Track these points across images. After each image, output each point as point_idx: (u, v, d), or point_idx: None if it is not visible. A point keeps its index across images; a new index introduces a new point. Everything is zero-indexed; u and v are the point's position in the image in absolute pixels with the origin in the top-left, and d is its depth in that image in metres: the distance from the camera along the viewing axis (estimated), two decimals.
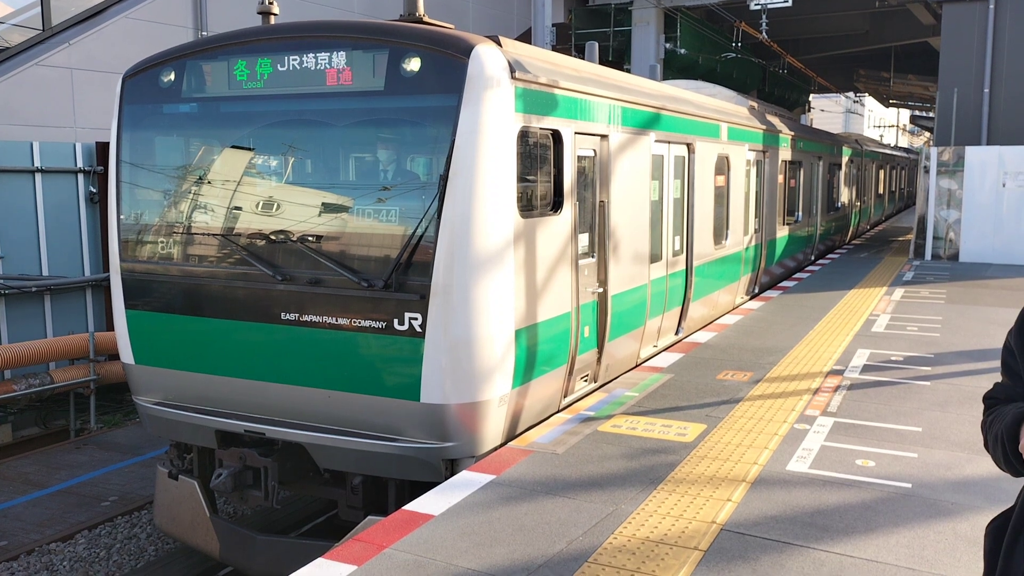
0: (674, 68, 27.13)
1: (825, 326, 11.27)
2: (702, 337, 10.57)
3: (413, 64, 6.10)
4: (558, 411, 7.38)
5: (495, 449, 6.44)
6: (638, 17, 26.98)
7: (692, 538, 4.91)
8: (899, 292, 14.38)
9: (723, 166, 11.95)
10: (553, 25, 21.08)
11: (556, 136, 6.99)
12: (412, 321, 6.06)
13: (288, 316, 6.52)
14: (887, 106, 69.11)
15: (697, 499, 5.47)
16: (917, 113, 64.91)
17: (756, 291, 14.41)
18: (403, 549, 4.80)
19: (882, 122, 79.69)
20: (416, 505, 5.41)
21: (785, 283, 15.53)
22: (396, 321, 6.12)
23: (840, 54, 39.17)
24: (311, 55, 6.42)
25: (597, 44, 9.94)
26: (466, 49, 6.05)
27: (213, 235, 6.88)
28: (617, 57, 27.32)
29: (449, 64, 6.05)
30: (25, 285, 12.59)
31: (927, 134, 65.77)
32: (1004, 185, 18.87)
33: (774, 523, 5.12)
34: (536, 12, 18.06)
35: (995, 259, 18.94)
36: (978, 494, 5.59)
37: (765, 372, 8.77)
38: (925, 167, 19.72)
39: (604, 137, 7.91)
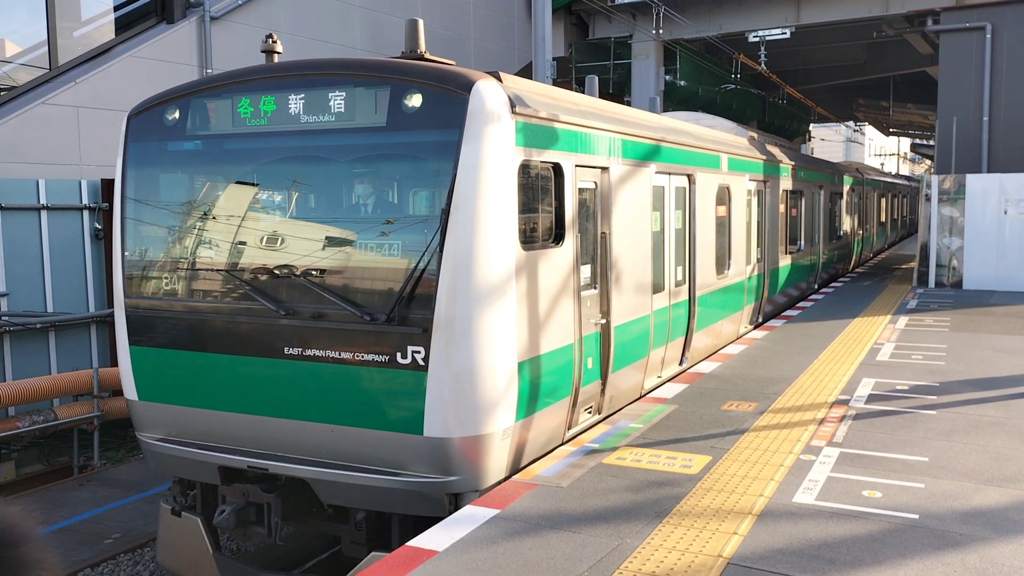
0: (674, 100, 27.34)
1: (830, 355, 11.24)
2: (706, 367, 10.54)
3: (415, 100, 6.19)
4: (562, 443, 7.36)
5: (500, 483, 6.41)
6: (638, 50, 27.26)
7: (698, 572, 4.87)
8: (903, 320, 14.35)
9: (724, 196, 12.01)
10: (554, 59, 21.26)
11: (557, 169, 7.05)
12: (415, 354, 6.07)
13: (291, 351, 6.54)
14: (887, 135, 69.43)
15: (703, 532, 5.43)
16: (917, 141, 65.20)
17: (760, 320, 14.41)
18: None
19: (883, 150, 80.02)
20: (420, 541, 5.38)
21: (789, 312, 15.52)
22: (399, 355, 6.13)
23: (839, 84, 39.47)
24: (314, 92, 6.51)
25: (597, 78, 10.06)
26: (467, 85, 6.14)
27: (216, 270, 6.94)
28: (617, 90, 27.55)
29: (450, 100, 6.13)
30: (30, 322, 12.63)
31: (928, 162, 66.01)
32: (1006, 212, 18.90)
33: (781, 556, 5.08)
34: (537, 46, 18.25)
35: (998, 286, 18.92)
36: (986, 525, 5.54)
37: (770, 402, 8.74)
38: (926, 195, 19.78)
39: (605, 169, 7.98)
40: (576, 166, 7.34)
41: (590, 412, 7.95)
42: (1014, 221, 18.84)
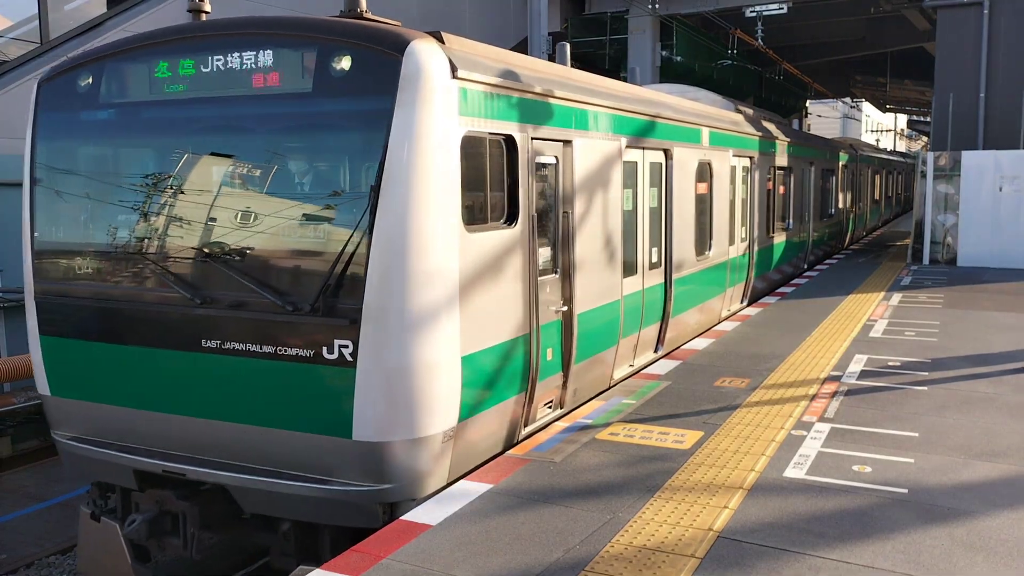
0: (671, 75, 27.22)
1: (823, 332, 11.29)
2: (700, 344, 10.58)
3: (343, 63, 5.56)
4: (517, 442, 6.87)
5: (442, 489, 5.88)
6: (634, 25, 27.08)
7: (689, 546, 4.92)
8: (897, 297, 14.40)
9: (705, 173, 11.41)
10: (549, 34, 21.13)
11: (509, 142, 6.47)
12: (342, 349, 5.50)
13: (209, 343, 5.93)
14: (884, 111, 69.31)
15: (694, 507, 5.48)
16: (914, 118, 65.12)
17: (746, 302, 14.08)
18: (400, 559, 4.81)
19: (879, 127, 79.90)
20: (413, 515, 5.42)
21: (784, 288, 15.55)
22: (325, 349, 5.54)
23: (836, 60, 39.34)
24: (236, 54, 5.87)
25: (568, 45, 9.35)
26: (400, 45, 5.51)
27: (129, 254, 6.30)
28: (614, 66, 27.41)
29: (381, 62, 5.51)
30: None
31: (924, 138, 65.94)
32: (1001, 189, 18.92)
33: (770, 530, 5.13)
34: (532, 22, 18.13)
35: (993, 263, 18.98)
36: (975, 499, 5.59)
37: (763, 379, 8.78)
38: (922, 172, 19.78)
39: (567, 143, 7.37)
40: (533, 139, 6.74)
41: (550, 407, 7.43)
42: (1009, 198, 18.87)
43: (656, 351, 9.93)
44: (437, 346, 5.62)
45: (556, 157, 7.23)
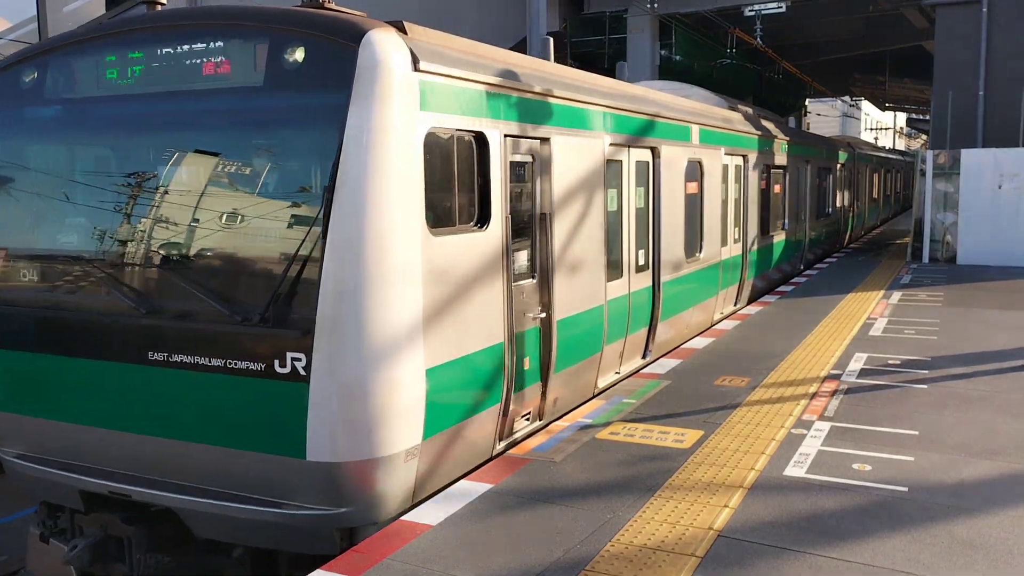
0: (670, 75, 27.23)
1: (823, 330, 11.30)
2: (700, 343, 10.59)
3: (296, 54, 5.21)
4: (491, 458, 6.52)
5: (407, 511, 5.55)
6: (633, 25, 27.10)
7: (689, 545, 4.93)
8: (896, 295, 14.41)
9: (695, 172, 11.04)
10: (548, 34, 21.14)
11: (480, 139, 6.12)
12: (295, 362, 5.12)
13: (156, 356, 5.54)
14: (883, 110, 69.32)
15: (694, 505, 5.49)
16: (914, 116, 65.13)
17: (740, 304, 13.77)
18: (401, 559, 4.81)
19: (878, 125, 79.93)
20: (414, 515, 5.42)
21: (783, 288, 15.55)
22: (276, 362, 5.16)
23: (835, 59, 39.31)
24: (185, 46, 5.52)
25: (552, 39, 8.86)
26: (356, 35, 5.16)
27: (73, 259, 5.93)
28: (612, 65, 27.42)
29: (336, 54, 5.16)
30: None
31: (924, 136, 65.95)
32: (1000, 187, 18.93)
33: (771, 528, 5.14)
34: (531, 21, 18.13)
35: (992, 261, 18.99)
36: (975, 497, 5.60)
37: (763, 377, 8.79)
38: (921, 170, 19.79)
39: (545, 141, 7.01)
40: (506, 136, 6.39)
41: (528, 419, 7.06)
42: (1008, 196, 18.87)
43: (644, 357, 9.59)
44: (398, 358, 5.23)
45: (533, 155, 6.90)
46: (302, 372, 5.10)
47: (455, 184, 5.90)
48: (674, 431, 7.03)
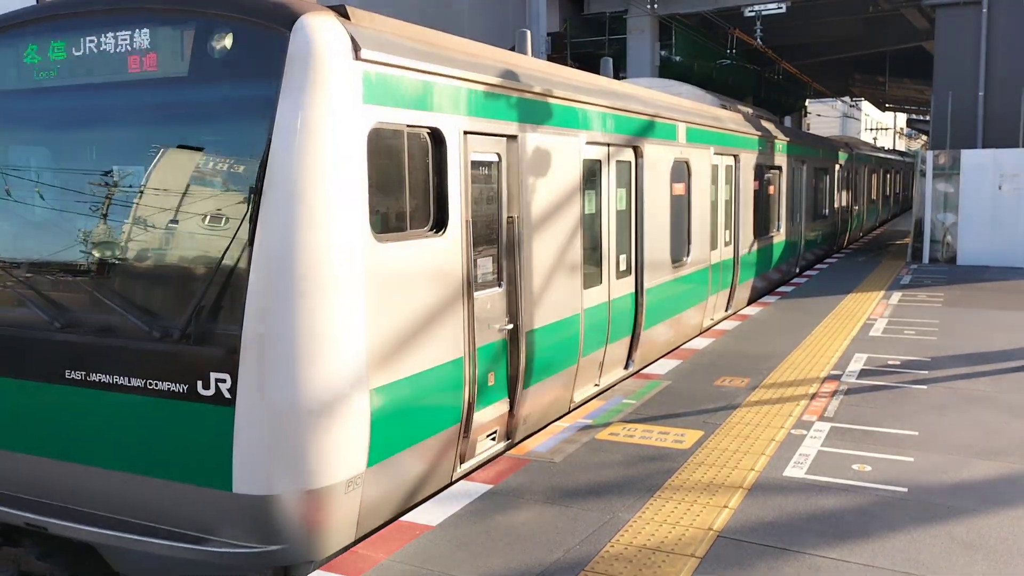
0: (670, 75, 27.23)
1: (823, 331, 11.30)
2: (699, 343, 10.59)
3: (224, 41, 4.77)
4: (451, 482, 6.07)
5: (352, 545, 5.10)
6: (633, 25, 27.11)
7: (689, 545, 4.93)
8: (896, 296, 14.41)
9: (682, 172, 10.57)
10: (549, 34, 21.16)
11: (436, 136, 5.65)
12: (219, 383, 4.67)
13: (73, 374, 5.11)
14: (883, 110, 69.34)
15: (694, 506, 5.49)
16: (914, 116, 65.16)
17: (731, 310, 13.30)
18: (400, 560, 4.81)
19: (878, 125, 79.95)
20: (413, 516, 5.42)
21: (783, 288, 15.55)
22: (200, 383, 4.72)
23: (835, 59, 39.32)
24: (110, 34, 5.07)
25: (528, 32, 8.47)
26: (287, 20, 4.69)
27: None
28: (613, 66, 27.42)
29: (266, 40, 4.70)
30: None
31: (924, 137, 65.99)
32: (1000, 188, 18.94)
33: (770, 529, 5.14)
34: (531, 22, 18.15)
35: (992, 261, 18.99)
36: (974, 497, 5.60)
37: (763, 378, 8.79)
38: (921, 171, 19.79)
39: (512, 138, 6.56)
40: (466, 133, 5.94)
41: (494, 438, 6.61)
42: (1008, 197, 18.88)
43: (627, 367, 9.14)
44: (336, 378, 4.74)
45: (499, 154, 6.44)
46: (227, 395, 4.66)
47: (406, 185, 5.43)
48: (674, 431, 7.03)
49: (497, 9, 26.04)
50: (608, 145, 8.41)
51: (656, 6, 26.01)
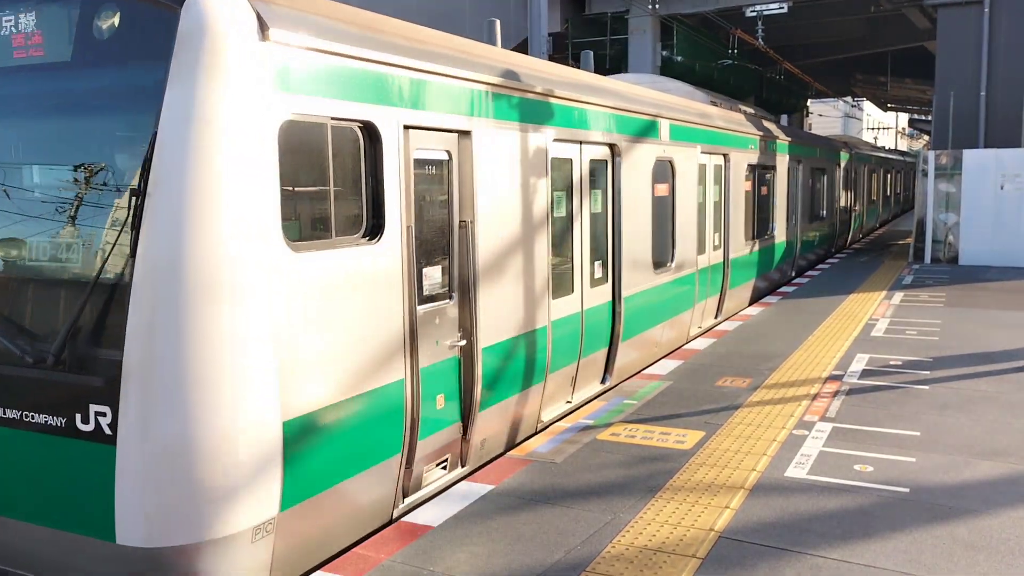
0: (671, 75, 27.22)
1: (824, 331, 11.29)
2: (700, 344, 10.58)
3: (111, 20, 4.19)
4: (391, 521, 5.50)
5: None
6: (634, 26, 27.10)
7: (690, 546, 4.92)
8: (898, 296, 14.39)
9: (665, 172, 9.96)
10: (550, 34, 21.15)
11: (369, 130, 5.05)
12: (99, 417, 4.07)
13: None
14: (885, 110, 69.30)
15: (695, 507, 5.48)
16: (915, 116, 65.09)
17: (720, 318, 12.76)
18: (402, 560, 4.81)
19: (880, 125, 79.90)
20: (415, 516, 5.42)
21: (784, 289, 15.53)
22: (78, 417, 4.11)
23: (837, 59, 39.31)
24: None
25: (498, 21, 7.97)
26: None
27: None
28: (614, 66, 27.43)
29: (154, 18, 4.08)
30: None
31: (926, 137, 65.94)
32: (1002, 187, 18.92)
33: (772, 530, 5.13)
34: (532, 21, 18.14)
35: (994, 261, 18.97)
36: (976, 498, 5.59)
37: (764, 378, 8.78)
38: (923, 171, 19.78)
39: (465, 134, 5.97)
40: (407, 127, 5.33)
41: (445, 467, 6.06)
42: (1010, 196, 18.86)
43: (604, 381, 8.60)
44: (236, 409, 4.09)
45: (448, 152, 5.88)
46: (107, 430, 4.04)
47: (330, 186, 4.79)
48: (675, 432, 7.03)
49: (498, 9, 26.03)
50: (580, 143, 7.83)
51: (657, 6, 26.01)
